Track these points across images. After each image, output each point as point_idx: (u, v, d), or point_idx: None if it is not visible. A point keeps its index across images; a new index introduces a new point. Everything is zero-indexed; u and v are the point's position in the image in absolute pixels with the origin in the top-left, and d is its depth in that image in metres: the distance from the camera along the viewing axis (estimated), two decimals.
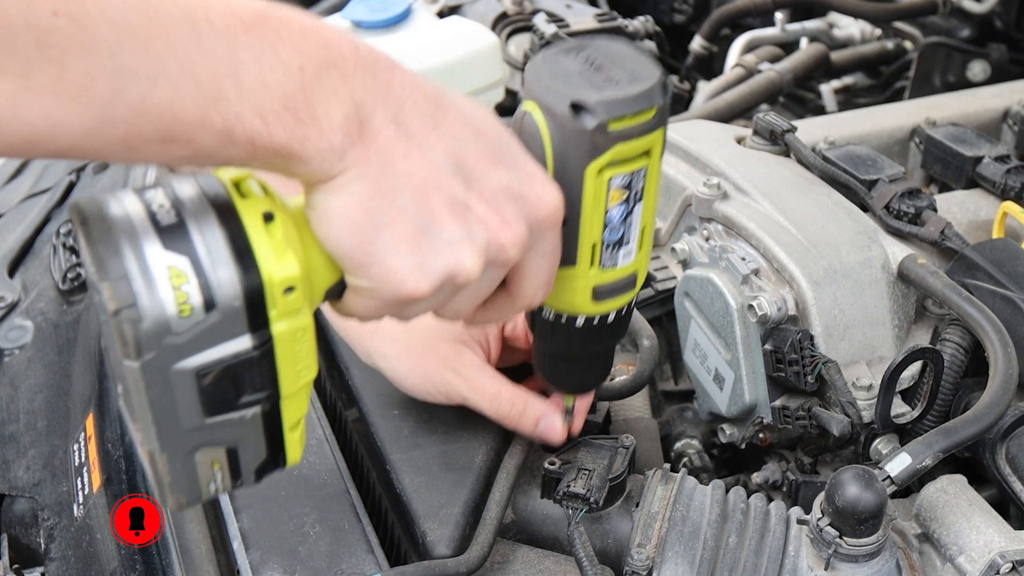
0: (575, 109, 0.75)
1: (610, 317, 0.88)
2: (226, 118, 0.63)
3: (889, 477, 0.94)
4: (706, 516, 0.98)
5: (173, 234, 0.65)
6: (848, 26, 2.31)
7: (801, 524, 0.97)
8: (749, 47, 2.16)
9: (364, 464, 1.10)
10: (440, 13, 2.09)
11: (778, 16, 2.24)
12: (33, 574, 1.19)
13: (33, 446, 1.35)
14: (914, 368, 1.08)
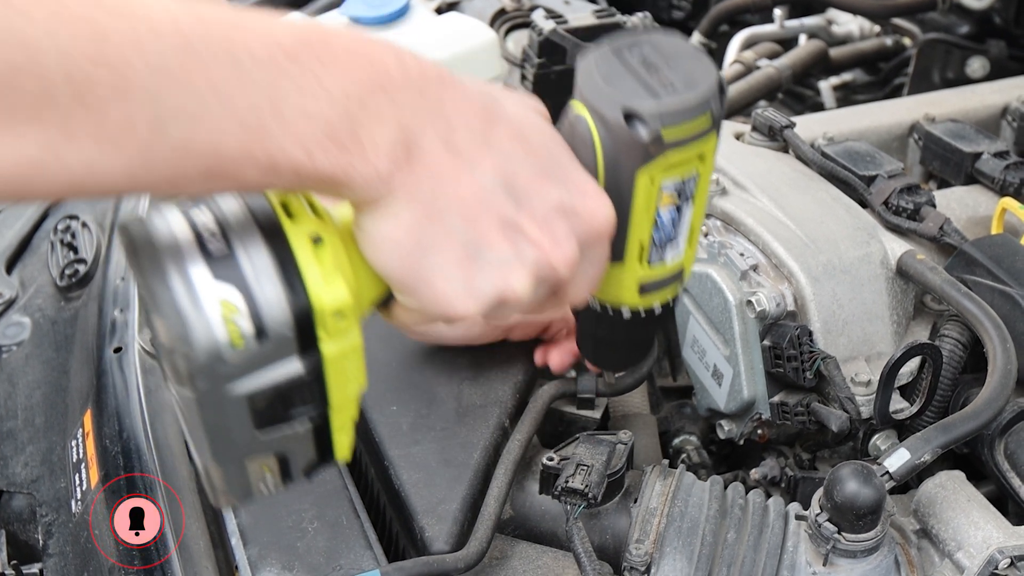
0: (628, 117, 0.72)
1: (656, 309, 0.88)
2: (269, 151, 0.61)
3: (888, 473, 0.94)
4: (704, 512, 0.98)
5: (223, 263, 0.64)
6: (847, 22, 2.31)
7: (800, 520, 0.97)
8: (748, 43, 2.16)
9: (362, 460, 1.10)
10: (438, 9, 2.08)
11: (777, 12, 2.24)
12: (31, 570, 1.19)
13: (31, 442, 1.35)
14: (913, 364, 1.07)
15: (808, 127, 1.41)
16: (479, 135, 0.69)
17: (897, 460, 0.94)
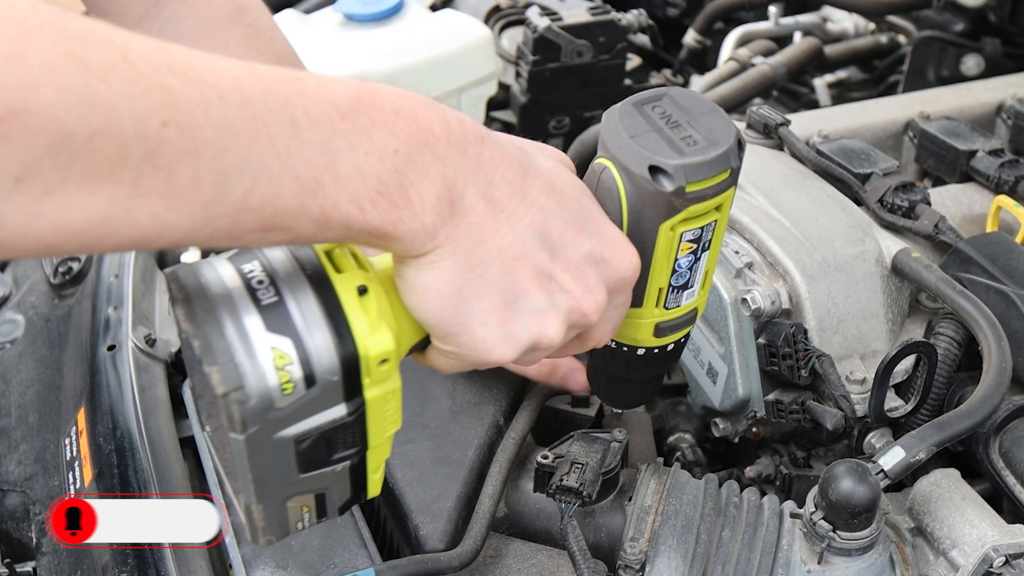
0: (653, 172, 0.76)
1: (669, 347, 0.91)
2: (323, 206, 0.64)
3: (883, 471, 0.94)
4: (699, 510, 0.98)
5: (274, 314, 0.67)
6: (842, 20, 2.31)
7: (794, 518, 0.97)
8: (742, 41, 2.16)
9: None
10: (433, 7, 2.08)
11: (771, 10, 2.24)
12: (25, 568, 1.19)
13: (24, 440, 1.35)
14: (908, 362, 1.07)
15: (803, 125, 1.41)
16: (517, 189, 0.73)
17: (892, 458, 0.94)
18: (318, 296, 0.69)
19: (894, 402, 1.07)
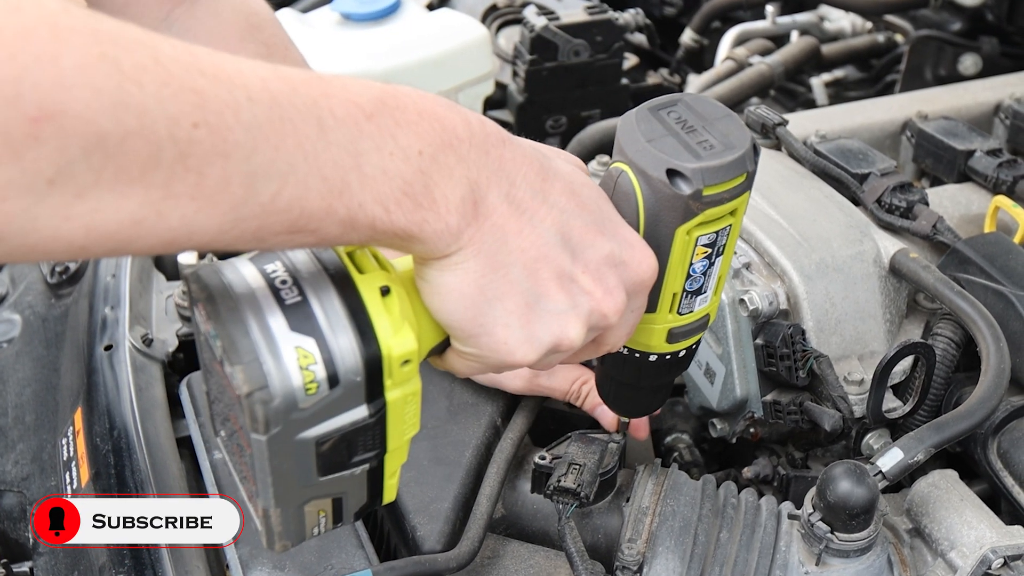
0: (671, 175, 0.76)
1: (680, 353, 0.91)
2: (349, 207, 0.64)
3: (881, 472, 0.94)
4: (697, 511, 0.98)
5: (298, 314, 0.67)
6: (839, 19, 2.31)
7: (792, 519, 0.97)
8: (740, 40, 2.16)
9: None
10: (430, 6, 2.08)
11: (769, 9, 2.24)
12: (22, 568, 1.19)
13: (21, 440, 1.34)
14: (906, 363, 1.07)
15: (800, 124, 1.40)
16: (538, 191, 0.73)
17: (890, 459, 0.94)
18: (341, 296, 0.69)
19: (892, 403, 1.07)
